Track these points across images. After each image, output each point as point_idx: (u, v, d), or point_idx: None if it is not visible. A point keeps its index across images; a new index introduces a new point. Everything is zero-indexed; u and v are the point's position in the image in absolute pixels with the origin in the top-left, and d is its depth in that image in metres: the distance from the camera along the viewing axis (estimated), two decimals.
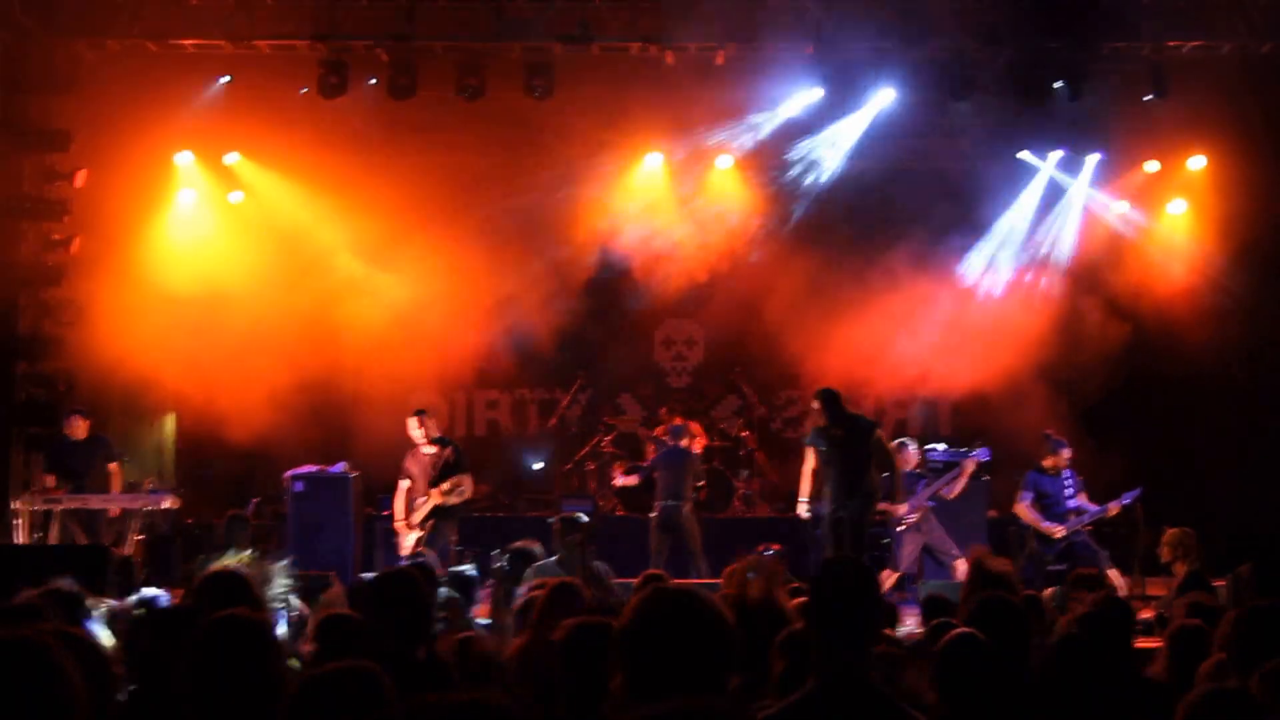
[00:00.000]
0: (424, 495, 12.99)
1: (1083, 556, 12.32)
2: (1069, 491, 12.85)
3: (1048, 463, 12.92)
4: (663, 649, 3.16)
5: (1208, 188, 16.67)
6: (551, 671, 4.49)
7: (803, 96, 15.95)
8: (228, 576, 5.69)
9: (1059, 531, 12.60)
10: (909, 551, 13.11)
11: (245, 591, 5.33)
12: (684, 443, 14.48)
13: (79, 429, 14.21)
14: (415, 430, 13.19)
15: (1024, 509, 12.85)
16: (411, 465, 13.23)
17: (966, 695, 4.57)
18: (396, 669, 3.78)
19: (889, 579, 13.02)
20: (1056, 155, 16.97)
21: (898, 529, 13.12)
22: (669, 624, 3.19)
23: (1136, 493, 12.80)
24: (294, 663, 5.26)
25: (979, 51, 15.41)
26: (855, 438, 12.22)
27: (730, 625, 3.26)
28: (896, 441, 13.66)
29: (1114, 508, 12.74)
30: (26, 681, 2.90)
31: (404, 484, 13.23)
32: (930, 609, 7.26)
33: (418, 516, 12.98)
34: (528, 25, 15.17)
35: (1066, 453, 12.93)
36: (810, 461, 12.53)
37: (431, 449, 13.15)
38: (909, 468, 13.35)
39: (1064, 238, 17.14)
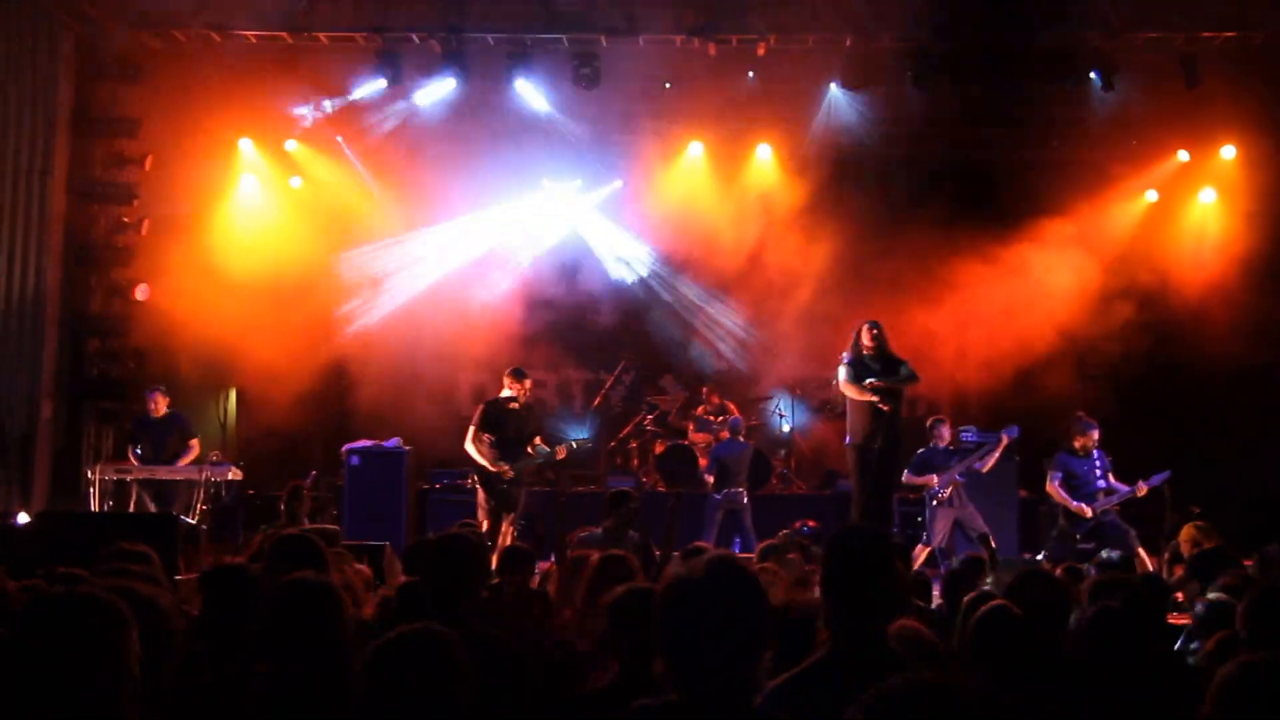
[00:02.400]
0: (520, 447, 12.53)
1: (1112, 536, 12.26)
2: (1098, 472, 12.81)
3: (1077, 443, 12.88)
4: (695, 618, 3.11)
5: (1238, 177, 16.55)
6: (604, 635, 4.54)
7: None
8: (298, 539, 5.77)
9: (1088, 511, 12.57)
10: (941, 527, 13.09)
11: (313, 554, 5.44)
12: (740, 436, 14.78)
13: (160, 406, 14.40)
14: (511, 387, 12.68)
15: (1054, 489, 12.83)
16: (502, 418, 12.61)
17: (999, 666, 4.50)
18: None
19: (921, 553, 13.02)
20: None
21: (932, 503, 13.11)
22: (702, 593, 3.13)
23: (1166, 475, 12.73)
24: None
25: (1011, 42, 15.36)
26: (889, 373, 12.28)
27: (764, 597, 3.21)
28: (931, 419, 13.68)
29: (1143, 488, 12.67)
30: (89, 634, 2.98)
31: (487, 436, 12.54)
32: (952, 583, 7.25)
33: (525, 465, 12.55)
34: (576, 18, 15.26)
35: (1096, 434, 12.87)
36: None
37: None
38: (943, 444, 13.36)
39: None
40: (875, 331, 12.41)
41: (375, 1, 15.39)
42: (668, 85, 16.00)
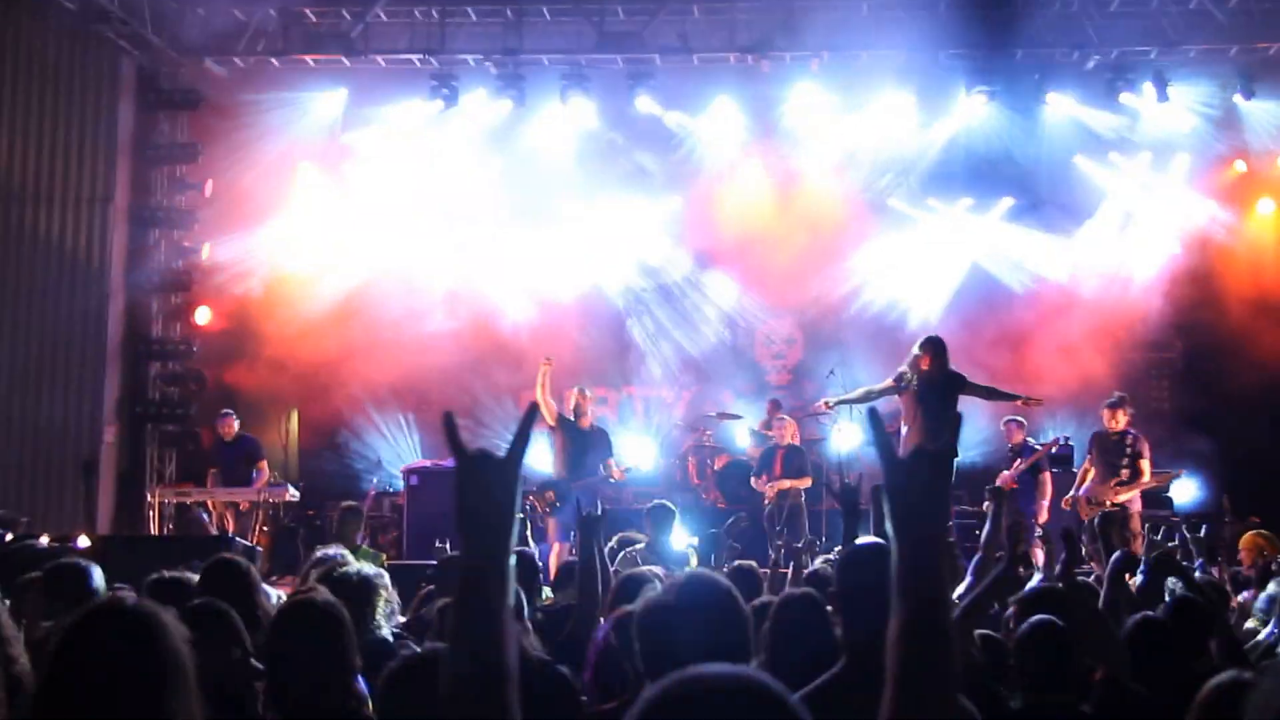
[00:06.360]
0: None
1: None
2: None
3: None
4: (672, 640, 3.04)
5: None
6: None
7: (892, 102, 15.64)
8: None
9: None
10: None
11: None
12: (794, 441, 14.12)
13: (230, 429, 14.03)
14: (573, 403, 12.55)
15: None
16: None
17: (1045, 679, 4.38)
18: None
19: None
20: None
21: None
22: (677, 615, 3.07)
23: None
24: None
25: (1065, 56, 15.07)
26: (948, 388, 11.25)
27: (742, 611, 3.12)
28: (1006, 419, 13.26)
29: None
30: (140, 650, 2.75)
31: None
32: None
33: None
34: (629, 38, 15.02)
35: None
36: (879, 388, 11.69)
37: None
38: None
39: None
40: (930, 354, 11.45)
41: (431, 25, 15.22)
42: None
